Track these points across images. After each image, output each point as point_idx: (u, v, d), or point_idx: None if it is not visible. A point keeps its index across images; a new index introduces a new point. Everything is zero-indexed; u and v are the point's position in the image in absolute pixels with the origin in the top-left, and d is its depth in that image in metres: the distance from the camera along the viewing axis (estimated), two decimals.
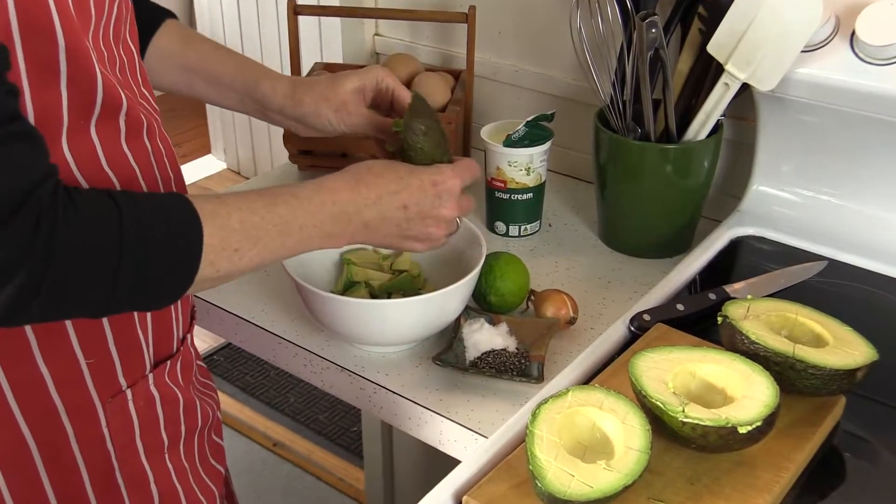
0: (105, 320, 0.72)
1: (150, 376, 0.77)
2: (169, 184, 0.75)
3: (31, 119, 0.64)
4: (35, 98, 0.63)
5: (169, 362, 0.79)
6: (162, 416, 0.79)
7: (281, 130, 1.35)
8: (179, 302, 0.80)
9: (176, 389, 0.80)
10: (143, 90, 0.76)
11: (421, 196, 0.80)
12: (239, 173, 3.36)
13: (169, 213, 0.64)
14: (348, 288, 1.01)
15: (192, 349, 0.84)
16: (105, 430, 0.74)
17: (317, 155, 1.33)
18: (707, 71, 1.09)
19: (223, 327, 1.08)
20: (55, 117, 0.65)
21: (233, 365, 2.45)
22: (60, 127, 0.65)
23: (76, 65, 0.64)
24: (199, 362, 0.86)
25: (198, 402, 0.84)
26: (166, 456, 0.79)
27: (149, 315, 0.76)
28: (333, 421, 2.26)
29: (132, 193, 0.63)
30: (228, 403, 2.30)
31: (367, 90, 0.92)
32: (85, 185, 0.67)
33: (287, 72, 2.91)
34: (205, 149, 3.48)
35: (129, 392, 0.75)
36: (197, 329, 0.97)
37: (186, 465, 0.81)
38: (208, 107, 3.34)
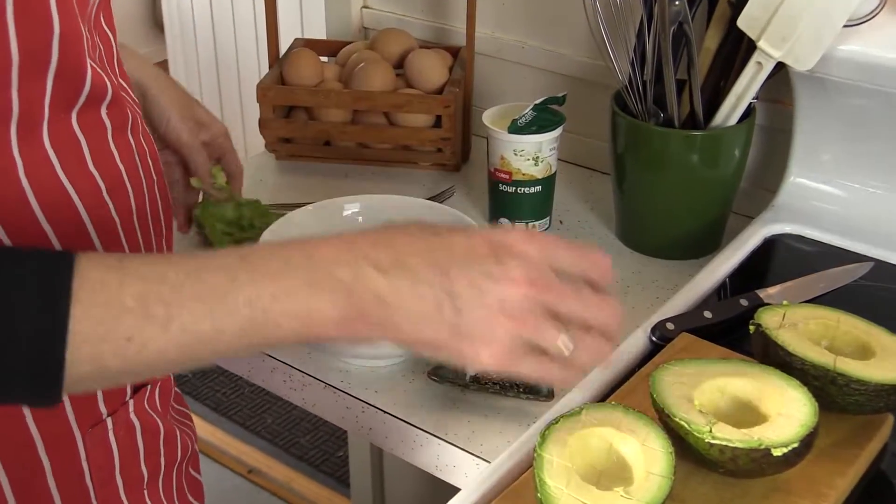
0: None
1: (131, 402, 0.77)
2: (153, 188, 0.75)
3: (14, 117, 0.62)
4: (21, 90, 0.61)
5: (149, 387, 0.79)
6: (142, 448, 0.79)
7: (256, 113, 1.35)
8: None
9: (156, 417, 0.80)
10: (121, 80, 0.75)
11: (468, 257, 0.56)
12: None
13: (23, 281, 0.50)
14: None
15: (169, 374, 0.84)
16: (84, 464, 0.74)
17: (299, 143, 1.34)
18: (737, 48, 1.10)
19: None
20: (36, 112, 0.63)
21: (202, 382, 2.45)
22: (41, 122, 0.64)
23: (67, 53, 0.63)
24: (175, 388, 0.87)
25: (178, 432, 0.84)
26: (145, 492, 0.80)
27: None
28: (316, 444, 2.26)
29: None
30: (198, 425, 2.31)
31: (205, 126, 1.00)
32: (69, 186, 0.66)
33: (263, 51, 2.92)
34: None
35: (109, 421, 0.74)
36: None
37: (165, 502, 0.82)
38: None
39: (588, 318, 0.60)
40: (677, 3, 1.04)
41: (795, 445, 0.72)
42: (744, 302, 0.98)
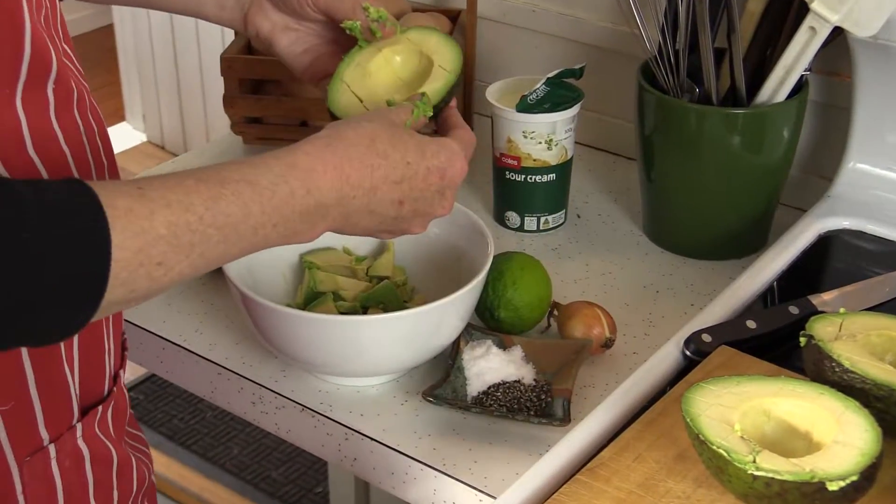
0: (24, 352, 0.72)
1: (78, 426, 0.77)
2: (102, 171, 0.75)
3: None
4: None
5: (100, 408, 0.79)
6: (91, 480, 0.79)
7: (219, 88, 1.36)
8: (111, 327, 0.81)
9: (108, 444, 0.81)
10: (65, 45, 0.75)
11: (423, 190, 0.80)
12: (163, 147, 3.37)
13: (60, 213, 0.60)
14: (311, 300, 1.02)
15: (124, 390, 0.85)
16: (20, 500, 0.74)
17: (268, 123, 1.34)
18: (786, 11, 1.10)
19: (143, 353, 1.09)
20: None
21: (156, 405, 2.45)
22: None
23: (2, 10, 0.64)
24: (130, 410, 0.87)
25: (133, 460, 0.85)
26: None
27: (76, 343, 0.76)
28: (291, 479, 2.27)
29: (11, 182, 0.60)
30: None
31: None
32: (4, 172, 0.67)
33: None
34: (116, 115, 3.49)
35: (52, 448, 0.75)
36: None
37: None
38: (122, 59, 3.34)
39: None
40: None
41: (855, 478, 0.72)
42: (794, 310, 0.99)
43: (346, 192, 0.74)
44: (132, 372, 2.52)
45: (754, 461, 0.73)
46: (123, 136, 3.42)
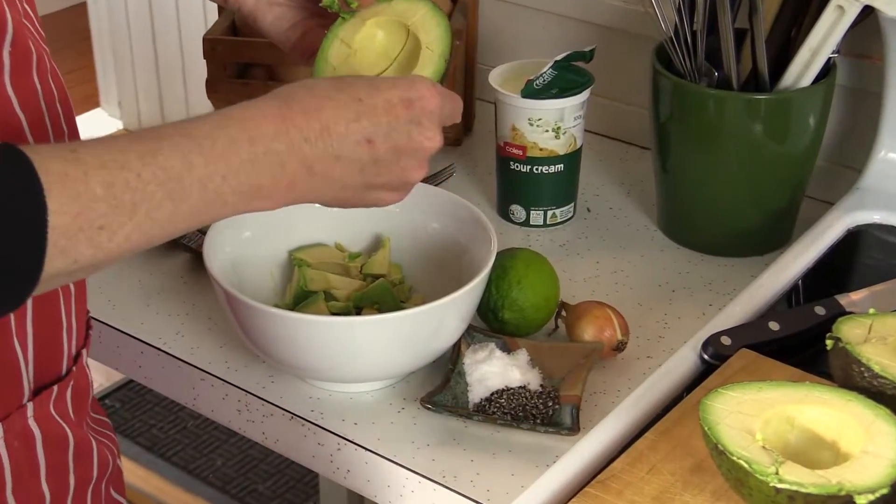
0: None
1: (30, 406, 0.78)
2: (62, 139, 0.76)
3: None
4: None
5: (56, 388, 0.80)
6: (44, 462, 0.80)
7: (201, 71, 1.36)
8: (72, 302, 0.81)
9: (64, 425, 0.81)
10: (26, 6, 0.76)
11: (390, 123, 0.77)
12: None
13: None
14: (301, 300, 1.03)
15: (87, 371, 0.85)
16: None
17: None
18: None
19: (120, 358, 1.09)
20: None
21: (133, 413, 2.46)
22: None
23: None
24: (93, 393, 0.88)
25: (94, 443, 0.85)
26: None
27: (29, 318, 0.76)
28: (279, 493, 2.27)
29: None
30: (129, 470, 2.31)
31: None
32: None
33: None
34: (90, 101, 3.49)
35: None
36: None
37: None
38: (96, 40, 3.34)
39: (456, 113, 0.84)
40: None
41: (885, 491, 0.72)
42: (820, 310, 0.99)
43: (294, 136, 0.73)
44: (107, 378, 2.53)
45: (777, 473, 0.73)
46: (97, 124, 3.42)
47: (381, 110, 0.77)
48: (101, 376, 2.54)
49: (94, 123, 3.41)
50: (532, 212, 1.21)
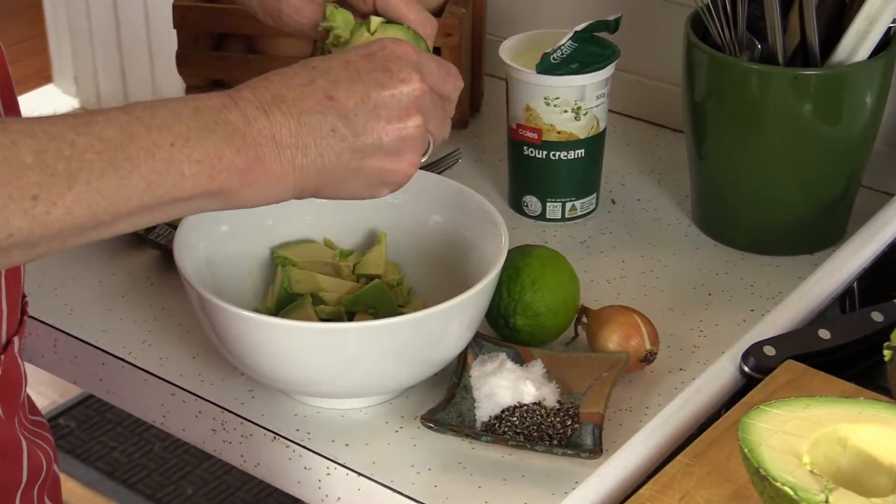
0: None
1: None
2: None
3: None
4: None
5: None
6: None
7: (170, 43, 1.36)
8: (1, 285, 0.82)
9: None
10: None
11: (352, 75, 0.80)
12: None
13: None
14: (285, 304, 1.03)
15: (20, 363, 0.86)
16: None
17: (232, 87, 1.35)
18: None
19: (78, 369, 1.09)
20: None
21: (92, 434, 2.46)
22: None
23: None
24: (27, 392, 0.88)
25: (24, 443, 0.86)
26: None
27: None
28: None
29: None
30: (84, 498, 2.32)
31: None
32: None
33: None
34: (41, 75, 3.49)
35: None
36: (35, 374, 0.97)
37: None
38: (49, 7, 3.34)
39: (443, 130, 0.86)
40: None
41: None
42: (877, 316, 1.00)
43: (245, 107, 0.76)
44: (61, 393, 2.53)
45: (827, 501, 0.74)
46: (50, 102, 3.42)
47: (337, 68, 0.80)
48: (54, 392, 2.54)
49: (45, 101, 3.41)
50: (549, 204, 1.22)
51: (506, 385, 0.96)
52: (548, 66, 1.16)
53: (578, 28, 1.17)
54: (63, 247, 0.71)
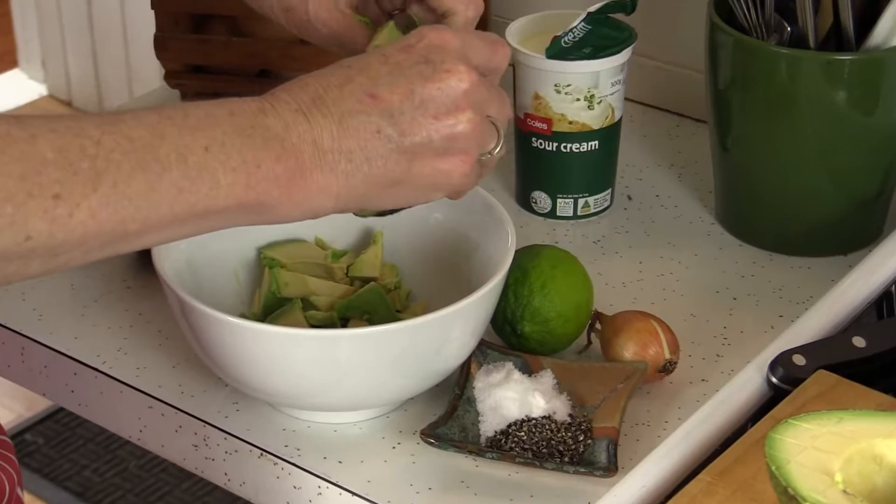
0: None
1: None
2: None
3: None
4: None
5: None
6: None
7: (147, 25, 1.37)
8: None
9: None
10: None
11: (392, 70, 0.79)
12: (70, 104, 3.37)
13: None
14: (273, 309, 1.04)
15: None
16: None
17: (215, 73, 1.35)
18: None
19: (47, 380, 1.10)
20: None
21: (61, 451, 2.46)
22: None
23: None
24: None
25: None
26: None
27: None
28: None
29: None
30: None
31: None
32: None
33: None
34: (6, 59, 3.49)
35: None
36: None
37: None
38: None
39: (504, 112, 0.85)
40: None
41: None
42: None
43: (282, 111, 0.76)
44: (28, 406, 2.53)
45: None
46: (15, 88, 3.42)
47: (376, 64, 0.80)
48: (20, 405, 2.54)
49: (10, 87, 3.41)
50: (559, 200, 1.22)
51: (513, 397, 0.97)
52: (558, 51, 1.16)
53: (592, 9, 1.17)
54: (85, 258, 0.70)
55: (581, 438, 0.95)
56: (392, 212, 0.88)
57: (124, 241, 0.71)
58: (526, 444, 0.95)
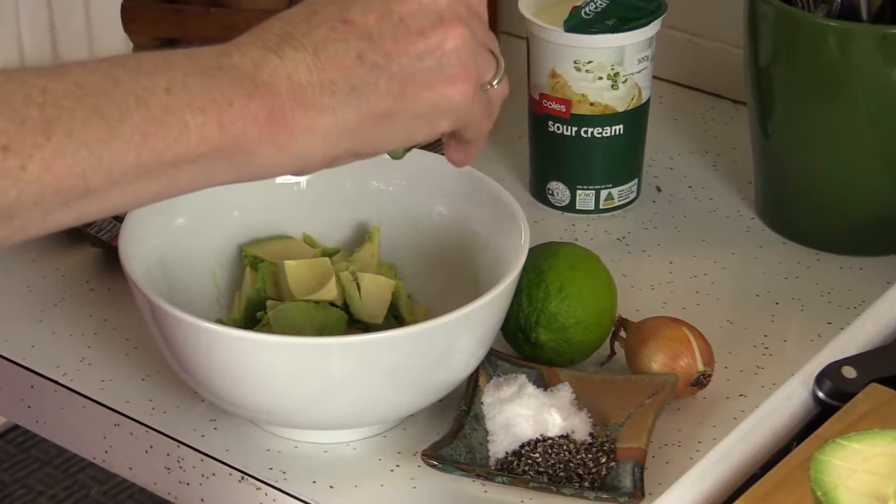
0: None
1: None
2: None
3: None
4: None
5: None
6: None
7: (115, 2, 1.37)
8: None
9: None
10: None
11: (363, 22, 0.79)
12: None
13: None
14: (256, 311, 1.04)
15: None
16: None
17: (190, 46, 1.35)
18: None
19: (0, 394, 1.10)
20: None
21: (14, 474, 2.46)
22: None
23: None
24: None
25: None
26: None
27: None
28: None
29: None
30: None
31: None
32: None
33: None
34: None
35: None
36: None
37: None
38: None
39: (493, 43, 0.86)
40: None
41: None
42: None
43: (248, 49, 0.76)
44: None
45: None
46: None
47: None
48: None
49: None
50: (579, 192, 1.23)
51: (526, 414, 0.97)
52: (578, 23, 1.17)
53: None
54: (45, 223, 0.70)
55: (603, 461, 0.96)
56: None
57: (87, 198, 0.71)
58: (541, 467, 0.95)
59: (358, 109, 0.78)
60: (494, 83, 0.84)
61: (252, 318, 1.04)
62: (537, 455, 0.95)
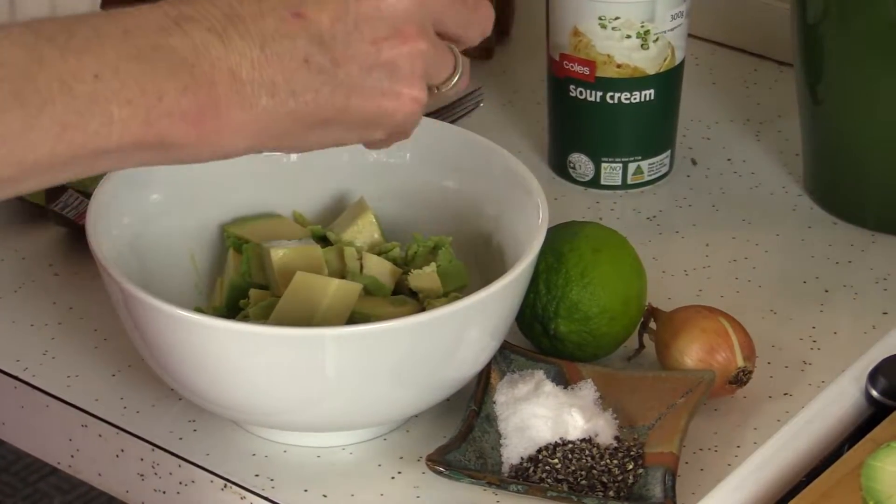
0: None
1: None
2: None
3: None
4: None
5: None
6: None
7: None
8: None
9: None
10: None
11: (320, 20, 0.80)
12: None
13: None
14: (239, 298, 1.04)
15: None
16: None
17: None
18: None
19: None
20: None
21: None
22: None
23: None
24: None
25: None
26: None
27: None
28: None
29: None
30: None
31: None
32: None
33: None
34: None
35: None
36: None
37: None
38: None
39: (476, 24, 0.87)
40: None
41: None
42: None
43: (190, 29, 0.77)
44: None
45: None
46: None
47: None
48: None
49: None
50: (604, 165, 1.23)
51: (544, 415, 0.97)
52: None
53: None
54: None
55: (630, 467, 0.96)
56: None
57: (16, 185, 0.73)
58: (560, 475, 0.96)
59: (294, 114, 0.80)
60: (444, 89, 0.86)
61: (235, 307, 1.04)
62: (556, 461, 0.96)
